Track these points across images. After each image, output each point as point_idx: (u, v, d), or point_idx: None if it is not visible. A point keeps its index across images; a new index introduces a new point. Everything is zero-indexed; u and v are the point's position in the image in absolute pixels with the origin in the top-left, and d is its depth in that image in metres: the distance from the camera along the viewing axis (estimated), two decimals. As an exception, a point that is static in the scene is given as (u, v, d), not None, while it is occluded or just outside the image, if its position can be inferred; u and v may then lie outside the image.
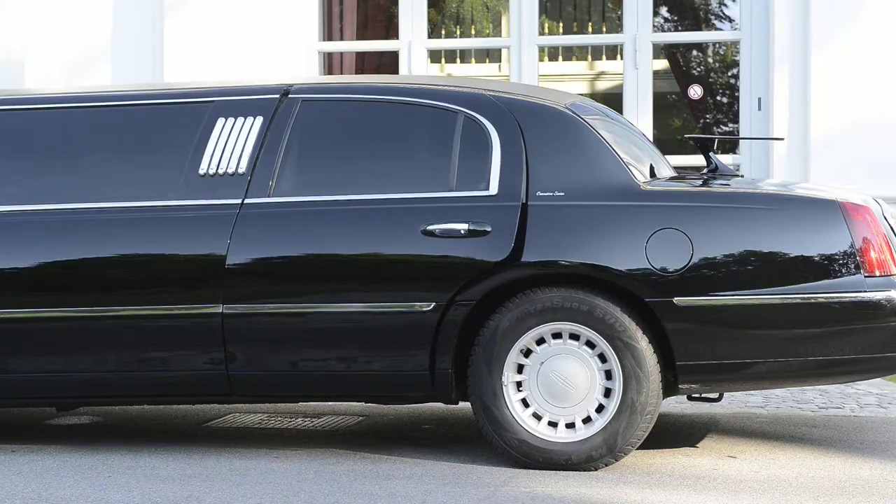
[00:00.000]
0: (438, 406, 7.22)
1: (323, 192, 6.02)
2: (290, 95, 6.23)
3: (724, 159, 9.76)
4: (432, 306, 5.83)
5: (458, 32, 14.01)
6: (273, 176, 6.05)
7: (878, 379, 7.86)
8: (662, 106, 13.40)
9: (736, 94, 10.77)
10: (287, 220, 5.98)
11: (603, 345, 5.74)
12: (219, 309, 5.93)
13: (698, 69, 13.17)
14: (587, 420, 5.78)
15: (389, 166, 6.06)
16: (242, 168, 6.09)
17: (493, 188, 5.90)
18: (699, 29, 12.33)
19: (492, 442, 5.85)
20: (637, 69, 10.28)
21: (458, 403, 6.11)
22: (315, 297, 5.93)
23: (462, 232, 5.83)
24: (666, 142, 12.30)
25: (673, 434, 6.61)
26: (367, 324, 5.90)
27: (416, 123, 6.11)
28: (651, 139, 7.95)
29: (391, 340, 5.88)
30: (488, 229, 5.81)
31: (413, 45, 10.52)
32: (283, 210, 6.00)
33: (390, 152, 6.11)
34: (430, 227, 5.85)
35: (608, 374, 5.76)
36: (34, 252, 6.13)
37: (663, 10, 12.39)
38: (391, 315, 5.87)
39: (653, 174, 6.20)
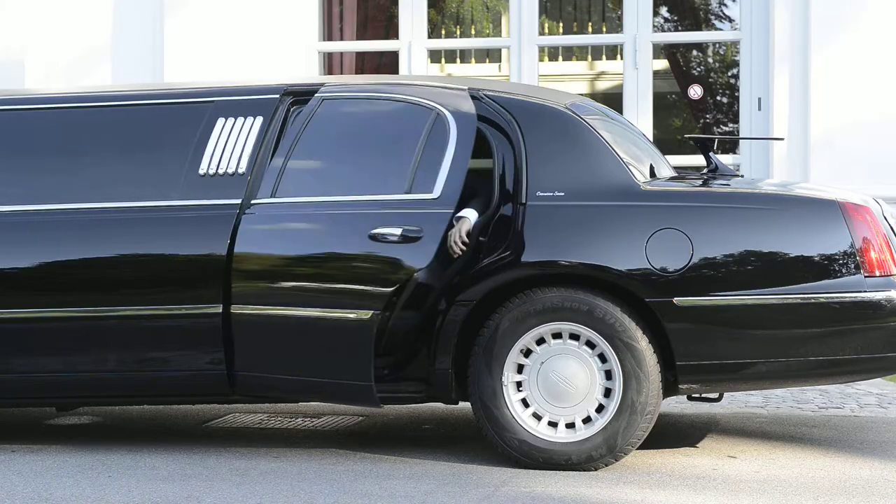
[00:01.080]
0: (438, 406, 7.22)
1: (316, 194, 5.99)
2: (288, 96, 6.23)
3: (724, 159, 9.75)
4: (369, 315, 5.74)
5: (458, 32, 13.99)
6: (274, 176, 6.03)
7: (878, 379, 7.85)
8: (662, 106, 13.39)
9: (736, 94, 10.76)
10: (286, 219, 5.98)
11: (603, 345, 5.74)
12: (219, 309, 5.93)
13: (698, 69, 13.16)
14: (587, 420, 5.78)
15: (387, 167, 6.02)
16: (242, 168, 6.08)
17: (437, 191, 5.85)
18: (699, 29, 12.32)
19: (492, 442, 5.84)
20: (637, 69, 10.28)
21: (458, 403, 6.11)
22: (311, 298, 5.92)
23: (396, 237, 5.76)
24: (666, 142, 12.29)
25: (673, 434, 6.61)
26: (329, 327, 5.85)
27: (402, 122, 6.05)
28: (651, 139, 7.94)
29: (337, 346, 5.83)
30: (421, 235, 5.76)
31: (413, 45, 10.51)
32: (282, 210, 5.99)
33: (389, 153, 6.08)
34: (374, 232, 5.82)
35: (608, 374, 5.76)
36: (35, 252, 6.13)
37: (663, 10, 12.38)
38: (336, 321, 5.82)
39: (653, 174, 6.20)
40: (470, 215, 5.82)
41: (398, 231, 5.75)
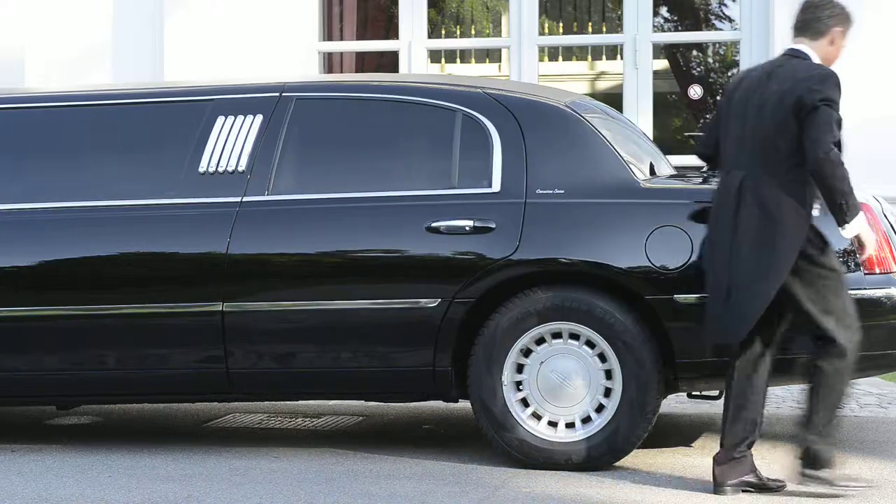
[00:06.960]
0: (438, 406, 7.22)
1: (323, 191, 6.01)
2: (285, 94, 6.22)
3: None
4: (437, 303, 5.81)
5: (458, 32, 13.99)
6: (272, 174, 6.04)
7: (878, 379, 7.85)
8: (662, 106, 13.38)
9: (736, 94, 10.74)
10: (288, 217, 5.97)
11: (603, 344, 5.73)
12: (219, 307, 5.93)
13: (698, 69, 13.16)
14: (587, 420, 5.77)
15: (390, 164, 6.05)
16: (242, 166, 6.08)
17: (496, 185, 5.88)
18: (699, 29, 12.32)
19: (492, 442, 5.84)
20: (637, 69, 10.27)
21: (458, 401, 6.11)
22: (315, 294, 5.92)
23: (467, 229, 5.82)
24: (666, 142, 12.29)
25: (673, 434, 6.60)
26: (369, 321, 5.88)
27: (416, 122, 6.09)
28: (651, 139, 7.94)
29: (394, 337, 5.87)
30: (492, 226, 5.80)
31: (413, 45, 10.51)
32: (283, 208, 5.99)
33: (391, 151, 6.11)
34: (435, 224, 5.84)
35: (608, 374, 5.76)
36: (34, 250, 6.12)
37: (663, 10, 12.38)
38: (395, 312, 5.86)
39: (653, 172, 6.19)
40: None
41: (469, 223, 5.80)
